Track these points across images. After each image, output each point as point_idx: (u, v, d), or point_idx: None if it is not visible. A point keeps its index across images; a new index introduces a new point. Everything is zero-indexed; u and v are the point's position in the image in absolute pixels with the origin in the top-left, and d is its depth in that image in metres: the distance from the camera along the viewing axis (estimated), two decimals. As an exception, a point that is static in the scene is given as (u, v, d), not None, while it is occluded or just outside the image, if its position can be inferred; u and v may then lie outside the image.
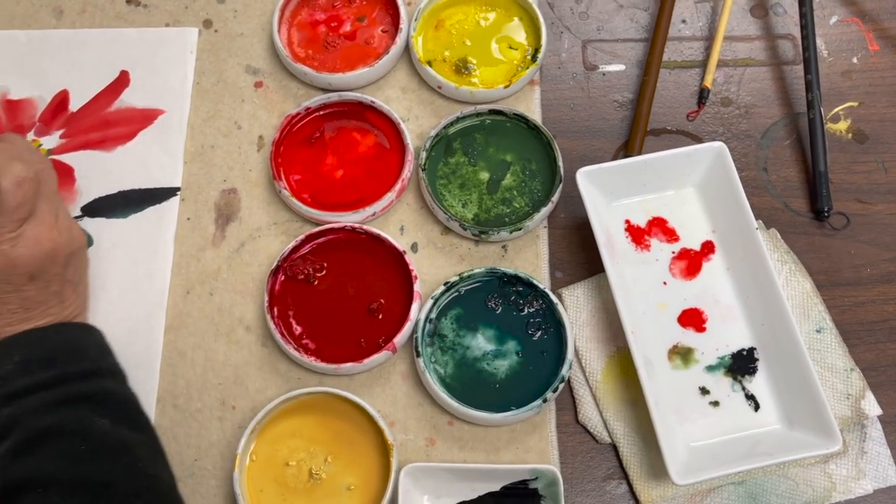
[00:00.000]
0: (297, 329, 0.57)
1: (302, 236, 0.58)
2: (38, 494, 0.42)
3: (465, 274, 0.57)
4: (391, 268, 0.58)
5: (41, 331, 0.48)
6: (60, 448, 0.43)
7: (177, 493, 0.46)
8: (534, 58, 0.64)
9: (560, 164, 0.60)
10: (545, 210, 0.59)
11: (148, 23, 0.67)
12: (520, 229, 0.58)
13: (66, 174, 0.62)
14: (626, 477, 0.54)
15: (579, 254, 0.61)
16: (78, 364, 0.47)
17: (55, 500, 0.41)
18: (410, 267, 0.57)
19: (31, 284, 0.48)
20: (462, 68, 0.65)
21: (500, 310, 0.57)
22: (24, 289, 0.48)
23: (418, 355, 0.55)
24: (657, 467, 0.53)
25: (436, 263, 0.60)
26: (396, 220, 0.61)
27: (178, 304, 0.58)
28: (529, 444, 0.55)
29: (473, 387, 0.55)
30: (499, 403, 0.54)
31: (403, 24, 0.65)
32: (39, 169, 0.50)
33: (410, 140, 0.61)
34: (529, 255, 0.60)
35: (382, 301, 0.58)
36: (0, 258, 0.46)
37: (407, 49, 0.65)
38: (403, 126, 0.61)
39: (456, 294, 0.57)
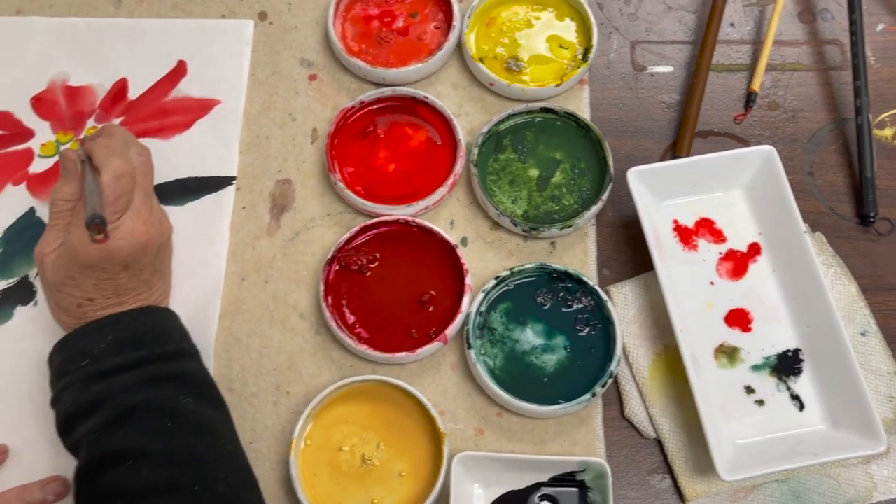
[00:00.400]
0: (351, 318, 0.58)
1: (357, 227, 0.59)
2: (127, 467, 0.43)
3: (516, 269, 0.58)
4: (442, 261, 0.60)
5: (132, 313, 0.49)
6: (149, 424, 0.45)
7: (251, 470, 0.48)
8: (584, 57, 0.65)
9: (611, 163, 0.61)
10: (595, 208, 0.60)
11: (204, 14, 0.68)
12: (570, 227, 0.59)
13: (125, 161, 0.63)
14: (670, 472, 0.55)
15: (626, 252, 0.62)
16: (163, 346, 0.49)
17: (144, 473, 0.43)
18: (462, 261, 0.58)
19: (125, 273, 0.50)
20: (512, 66, 0.66)
21: (548, 305, 0.58)
22: (118, 277, 0.49)
23: (469, 347, 0.56)
24: (702, 463, 0.55)
25: (485, 258, 0.61)
26: (447, 215, 0.62)
27: (234, 291, 0.60)
28: (576, 437, 0.56)
29: (522, 379, 0.56)
30: (547, 396, 0.55)
31: (456, 21, 0.66)
32: (139, 162, 0.52)
33: (462, 136, 0.62)
34: (577, 253, 0.61)
35: (433, 293, 0.59)
36: (98, 248, 0.48)
37: (459, 46, 0.66)
38: (456, 122, 0.63)
39: (506, 288, 0.59)
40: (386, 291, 0.59)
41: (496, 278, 0.58)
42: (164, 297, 0.54)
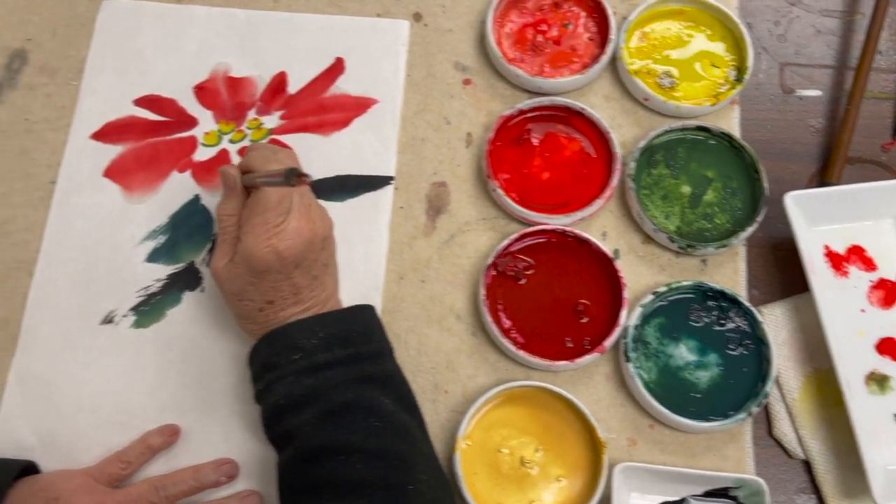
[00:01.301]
0: (507, 323, 0.60)
1: (516, 234, 0.61)
2: (340, 460, 0.45)
3: (673, 285, 0.59)
4: (596, 272, 0.61)
5: (340, 312, 0.52)
6: (360, 421, 0.47)
7: (444, 472, 0.50)
8: (738, 78, 0.66)
9: (766, 185, 0.62)
10: (750, 229, 0.61)
11: (360, 11, 0.69)
12: (725, 246, 0.60)
13: (285, 154, 0.65)
14: (817, 493, 0.57)
15: (775, 273, 0.63)
16: (367, 344, 0.51)
17: (357, 467, 0.45)
18: (619, 273, 0.59)
19: (297, 271, 0.51)
20: (664, 81, 0.67)
21: (701, 323, 0.59)
22: (292, 276, 0.51)
23: (627, 360, 0.57)
24: (850, 486, 0.56)
25: (636, 271, 0.62)
26: (599, 226, 0.63)
27: (392, 289, 0.61)
28: (726, 453, 0.57)
29: (675, 394, 0.58)
30: (699, 412, 0.57)
31: (613, 34, 0.66)
32: (290, 164, 0.53)
33: (618, 149, 0.63)
34: (728, 272, 0.62)
35: (587, 303, 0.60)
36: (270, 251, 0.50)
37: (612, 58, 0.67)
38: (613, 135, 0.64)
39: (661, 303, 0.60)
40: (540, 299, 0.60)
41: (654, 293, 0.59)
42: (336, 291, 0.56)
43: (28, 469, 0.54)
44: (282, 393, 0.48)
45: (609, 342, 0.58)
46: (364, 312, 0.53)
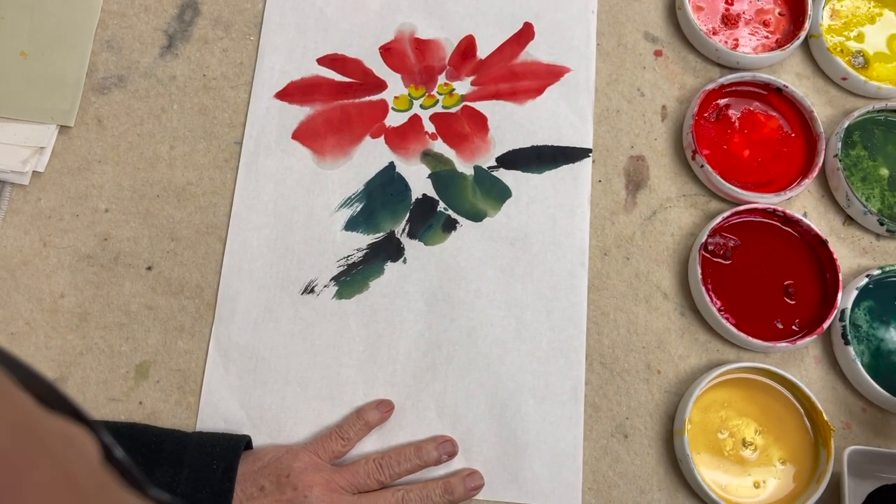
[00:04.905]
0: (717, 303, 0.58)
1: (727, 212, 0.59)
2: None
3: (887, 268, 0.59)
4: (803, 252, 0.60)
5: None
6: None
7: None
8: (934, 60, 0.65)
9: (972, 170, 0.61)
10: (958, 215, 0.60)
11: (545, -25, 0.67)
12: (934, 230, 0.60)
13: (480, 122, 0.62)
14: None
15: (973, 259, 0.62)
16: None
17: None
18: (834, 256, 0.59)
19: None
20: (857, 61, 0.65)
21: (909, 306, 0.59)
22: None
23: (847, 343, 0.57)
24: None
25: (838, 253, 0.61)
26: (799, 206, 0.62)
27: (597, 265, 0.59)
28: (940, 438, 0.57)
29: (889, 377, 0.57)
30: (912, 396, 0.57)
31: (811, 10, 0.65)
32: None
33: (822, 129, 0.62)
34: (930, 256, 0.62)
35: (796, 284, 0.59)
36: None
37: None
38: (816, 114, 0.62)
39: (870, 286, 0.59)
40: (748, 279, 0.59)
41: (867, 275, 0.58)
42: None
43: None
44: None
45: (828, 323, 0.57)
46: None
